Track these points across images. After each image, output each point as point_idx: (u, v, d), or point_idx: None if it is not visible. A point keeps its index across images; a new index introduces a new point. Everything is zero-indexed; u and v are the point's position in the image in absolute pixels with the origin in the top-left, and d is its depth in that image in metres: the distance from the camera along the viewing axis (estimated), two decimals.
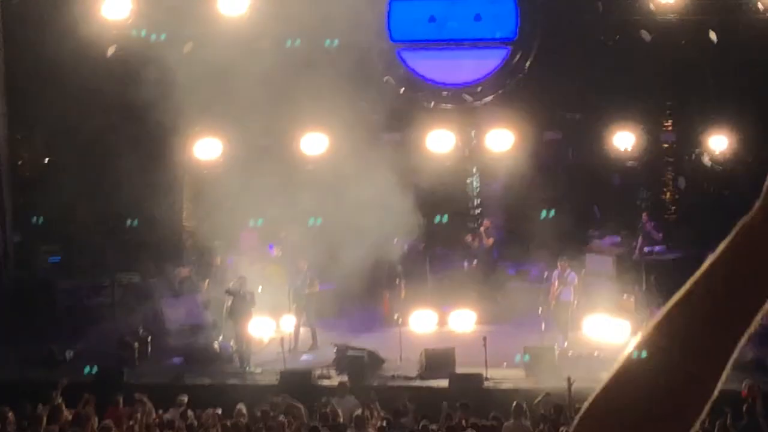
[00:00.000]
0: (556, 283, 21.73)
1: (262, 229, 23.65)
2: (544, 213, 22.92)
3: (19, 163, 26.46)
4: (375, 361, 19.87)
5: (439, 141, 24.36)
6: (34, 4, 23.77)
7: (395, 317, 21.25)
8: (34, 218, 23.63)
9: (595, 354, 20.00)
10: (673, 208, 25.79)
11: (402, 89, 25.17)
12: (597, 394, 1.77)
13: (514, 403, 16.35)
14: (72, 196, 23.28)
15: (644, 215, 24.10)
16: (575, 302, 21.61)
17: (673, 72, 24.39)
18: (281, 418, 15.87)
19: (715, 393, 1.73)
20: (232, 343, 20.59)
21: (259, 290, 22.04)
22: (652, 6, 23.10)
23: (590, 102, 24.52)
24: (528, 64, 24.98)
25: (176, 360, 20.79)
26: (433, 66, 25.52)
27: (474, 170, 26.09)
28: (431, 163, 23.98)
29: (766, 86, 23.48)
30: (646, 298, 21.43)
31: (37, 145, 26.61)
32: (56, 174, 24.93)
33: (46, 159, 26.57)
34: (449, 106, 25.23)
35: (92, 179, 24.33)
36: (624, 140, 24.19)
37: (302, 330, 21.69)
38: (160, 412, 16.67)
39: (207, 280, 23.10)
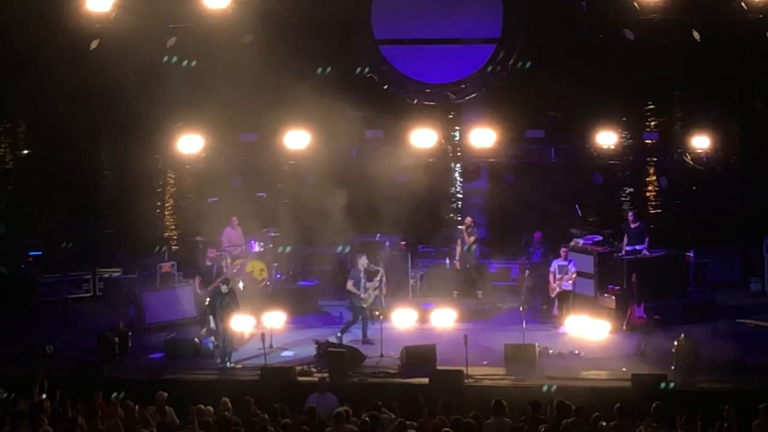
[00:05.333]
0: (557, 272, 21.79)
1: (244, 225, 23.58)
2: (524, 211, 22.95)
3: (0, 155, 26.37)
4: (355, 357, 19.83)
5: (422, 138, 24.34)
6: None
7: (376, 314, 21.22)
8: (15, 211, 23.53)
9: (576, 353, 20.02)
10: (655, 206, 25.84)
11: (385, 86, 25.13)
12: None
13: (493, 401, 16.34)
14: (53, 189, 23.19)
15: (630, 215, 24.07)
16: (573, 292, 21.74)
17: (656, 71, 24.42)
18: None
19: None
20: (212, 338, 20.51)
21: (241, 286, 21.98)
22: (635, 5, 23.11)
23: (573, 100, 24.52)
24: (511, 62, 24.96)
25: (156, 355, 20.71)
26: (417, 63, 25.48)
27: (456, 167, 26.08)
28: (414, 160, 23.97)
29: (748, 87, 23.57)
30: (627, 297, 21.41)
31: (18, 137, 26.50)
32: (37, 167, 24.83)
33: (26, 151, 26.45)
34: (432, 103, 25.20)
35: (73, 173, 24.23)
36: (606, 139, 24.19)
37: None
38: (139, 406, 16.58)
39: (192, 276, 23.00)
